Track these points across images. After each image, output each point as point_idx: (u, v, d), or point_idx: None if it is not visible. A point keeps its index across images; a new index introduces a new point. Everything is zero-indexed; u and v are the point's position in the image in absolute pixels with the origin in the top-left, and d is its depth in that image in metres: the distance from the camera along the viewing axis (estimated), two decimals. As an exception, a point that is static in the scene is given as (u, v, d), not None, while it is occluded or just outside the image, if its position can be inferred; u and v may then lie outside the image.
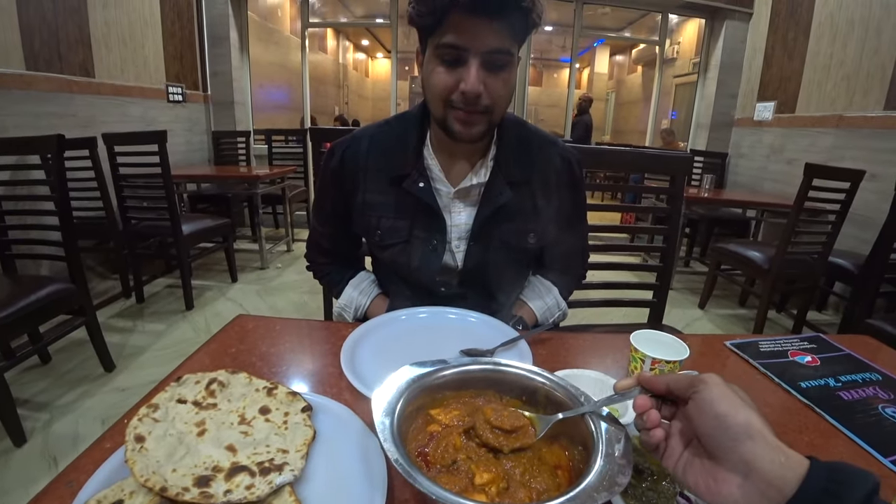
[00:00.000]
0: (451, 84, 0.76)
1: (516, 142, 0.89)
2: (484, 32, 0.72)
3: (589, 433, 0.44)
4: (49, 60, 2.76)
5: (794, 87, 3.54)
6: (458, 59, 0.74)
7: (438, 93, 0.77)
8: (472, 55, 0.73)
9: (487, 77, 0.75)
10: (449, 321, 0.83)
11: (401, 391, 0.47)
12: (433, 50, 0.76)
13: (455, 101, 0.76)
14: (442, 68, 0.76)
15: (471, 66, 0.73)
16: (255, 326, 0.81)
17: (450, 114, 0.79)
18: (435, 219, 0.88)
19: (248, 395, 0.54)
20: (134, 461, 0.42)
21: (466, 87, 0.74)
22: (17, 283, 1.79)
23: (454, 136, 0.81)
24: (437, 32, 0.74)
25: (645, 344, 0.64)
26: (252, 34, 4.60)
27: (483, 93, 0.75)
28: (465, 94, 0.74)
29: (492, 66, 0.75)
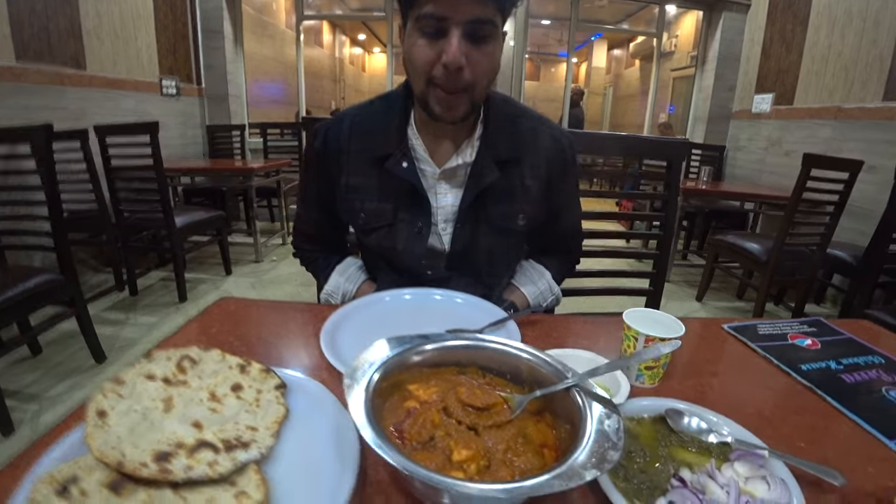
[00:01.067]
0: (431, 58, 0.71)
1: (504, 120, 0.86)
2: (464, 2, 0.68)
3: (577, 410, 0.42)
4: (39, 52, 2.72)
5: (792, 78, 3.51)
6: (438, 30, 0.70)
7: (419, 67, 0.73)
8: (454, 25, 0.69)
9: (470, 49, 0.71)
10: (434, 302, 0.81)
11: (377, 365, 0.44)
12: (413, 22, 0.72)
13: (436, 76, 0.72)
14: (422, 41, 0.72)
15: (452, 37, 0.69)
16: (237, 308, 0.78)
17: (431, 92, 0.75)
18: (419, 200, 0.85)
19: (220, 371, 0.51)
20: (93, 436, 0.40)
21: (447, 58, 0.69)
22: (5, 273, 1.76)
23: (435, 118, 0.77)
24: (417, 3, 0.70)
25: (638, 322, 0.61)
26: (246, 28, 4.56)
27: (465, 66, 0.71)
28: (447, 67, 0.70)
29: (474, 37, 0.71)
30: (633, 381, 0.61)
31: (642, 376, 0.60)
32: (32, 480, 0.37)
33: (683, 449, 0.47)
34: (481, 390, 0.47)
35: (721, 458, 0.46)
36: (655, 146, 1.40)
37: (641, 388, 0.61)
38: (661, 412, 0.52)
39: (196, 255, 3.37)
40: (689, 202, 3.46)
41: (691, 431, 0.49)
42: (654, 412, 0.52)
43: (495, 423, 0.44)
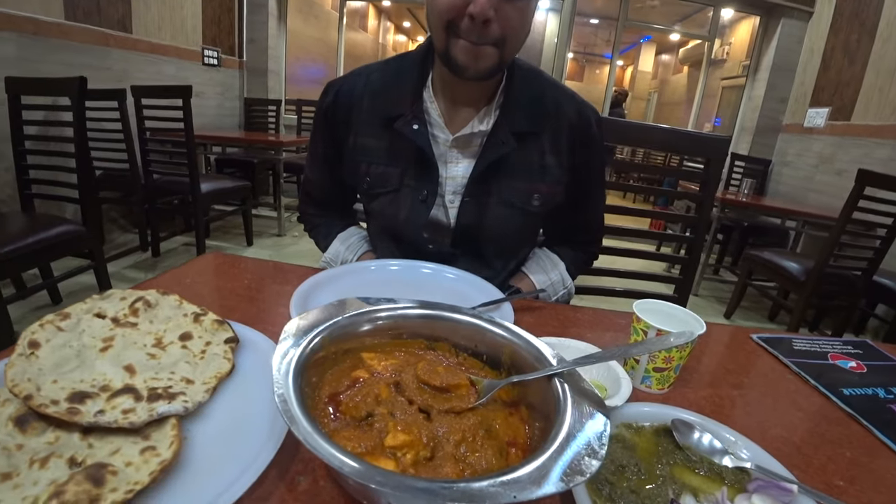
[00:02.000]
0: (457, 4, 0.64)
1: (528, 90, 0.79)
2: None
3: (555, 405, 0.34)
4: (88, 12, 2.78)
5: (853, 92, 3.27)
6: None
7: (441, 14, 0.66)
8: None
9: (501, 1, 0.64)
10: (423, 275, 0.74)
11: (327, 325, 0.38)
12: None
13: (461, 27, 0.66)
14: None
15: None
16: (222, 263, 0.75)
17: (454, 43, 0.68)
18: (427, 167, 0.79)
19: (173, 318, 0.47)
20: (13, 366, 0.36)
21: (474, 8, 0.62)
22: (31, 220, 1.81)
23: (458, 71, 0.70)
24: None
25: (651, 314, 0.53)
26: (292, 5, 4.58)
27: (493, 19, 0.64)
28: (473, 18, 0.63)
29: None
30: (638, 384, 0.53)
31: (650, 379, 0.52)
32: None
33: (689, 470, 0.39)
34: (445, 368, 0.40)
35: (736, 486, 0.38)
36: (694, 140, 1.30)
37: (648, 392, 0.53)
38: (666, 422, 0.44)
39: (220, 224, 3.41)
40: (726, 214, 3.28)
41: (702, 450, 0.41)
42: (658, 421, 0.44)
43: (453, 409, 0.37)
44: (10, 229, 1.67)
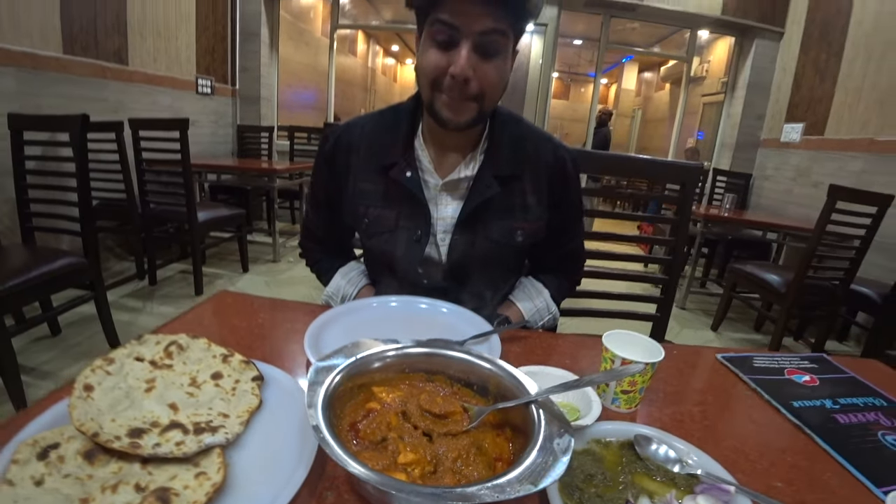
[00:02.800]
0: (441, 65, 0.74)
1: (509, 136, 0.88)
2: (477, 13, 0.70)
3: (532, 426, 0.42)
4: (86, 46, 2.86)
5: (825, 109, 3.44)
6: (450, 39, 0.73)
7: (428, 73, 0.76)
8: (465, 36, 0.71)
9: (479, 62, 0.73)
10: (420, 311, 0.82)
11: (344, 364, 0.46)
12: (427, 30, 0.75)
13: (444, 84, 0.75)
14: (434, 49, 0.74)
15: (462, 48, 0.72)
16: (233, 302, 0.81)
17: (437, 98, 0.77)
18: (420, 209, 0.87)
19: (204, 359, 0.54)
20: (75, 406, 0.42)
21: (455, 69, 0.72)
22: (33, 253, 1.86)
23: (442, 123, 0.79)
24: (432, 12, 0.73)
25: (617, 344, 0.61)
26: (283, 33, 4.71)
27: (472, 78, 0.73)
28: (454, 78, 0.72)
29: (484, 50, 0.73)
30: (609, 405, 0.60)
31: (618, 400, 0.60)
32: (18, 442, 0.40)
33: (648, 477, 0.47)
34: (442, 398, 0.48)
35: (686, 489, 0.45)
36: (668, 169, 1.39)
37: (617, 412, 0.61)
38: (630, 437, 0.51)
39: (216, 250, 3.45)
40: (710, 229, 3.40)
41: (658, 459, 0.48)
42: (622, 437, 0.51)
43: (450, 432, 0.44)
44: (13, 263, 1.71)
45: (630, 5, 4.07)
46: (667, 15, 4.20)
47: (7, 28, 2.38)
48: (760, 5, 3.97)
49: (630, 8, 4.16)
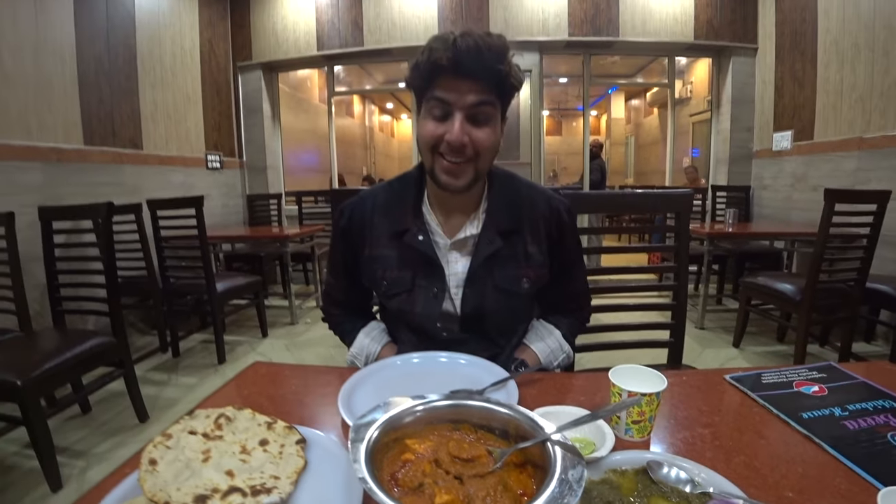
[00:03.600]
0: (438, 134, 0.84)
1: (505, 194, 0.97)
2: (466, 89, 0.82)
3: (549, 462, 0.47)
4: (104, 136, 3.10)
5: (809, 114, 3.54)
6: (445, 113, 0.83)
7: (427, 142, 0.86)
8: (457, 109, 0.82)
9: (472, 129, 0.84)
10: (441, 365, 0.87)
11: (380, 423, 0.51)
12: (425, 106, 0.86)
13: (442, 150, 0.85)
14: (431, 121, 0.85)
15: (455, 119, 0.82)
16: (267, 371, 0.87)
17: (437, 163, 0.87)
18: (434, 268, 0.94)
19: (250, 428, 0.59)
20: (145, 479, 0.48)
21: (451, 136, 0.82)
22: (64, 336, 1.94)
23: (442, 186, 0.88)
24: (428, 91, 0.84)
25: (624, 379, 0.65)
26: (283, 104, 5.00)
27: (467, 143, 0.83)
28: (450, 144, 0.83)
29: (475, 119, 0.84)
30: (622, 436, 0.64)
31: (630, 430, 0.64)
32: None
33: (663, 498, 0.50)
34: (469, 444, 0.53)
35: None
36: (660, 200, 1.46)
37: (631, 441, 0.64)
38: (643, 464, 0.54)
39: (235, 318, 3.53)
40: (717, 245, 3.42)
41: (670, 481, 0.51)
42: (636, 464, 0.55)
43: (478, 473, 0.49)
44: (47, 347, 1.80)
45: (606, 43, 4.29)
46: (642, 47, 4.41)
47: (34, 128, 2.60)
48: (732, 26, 4.16)
49: (607, 45, 4.38)
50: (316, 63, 4.79)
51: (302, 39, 4.46)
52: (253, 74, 4.63)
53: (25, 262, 2.05)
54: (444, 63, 0.80)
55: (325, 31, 4.41)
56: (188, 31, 3.99)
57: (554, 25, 4.19)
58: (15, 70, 2.50)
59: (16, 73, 2.50)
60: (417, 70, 0.85)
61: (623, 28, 4.16)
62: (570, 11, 4.16)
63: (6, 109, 2.46)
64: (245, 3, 4.53)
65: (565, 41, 4.23)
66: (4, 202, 2.34)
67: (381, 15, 4.31)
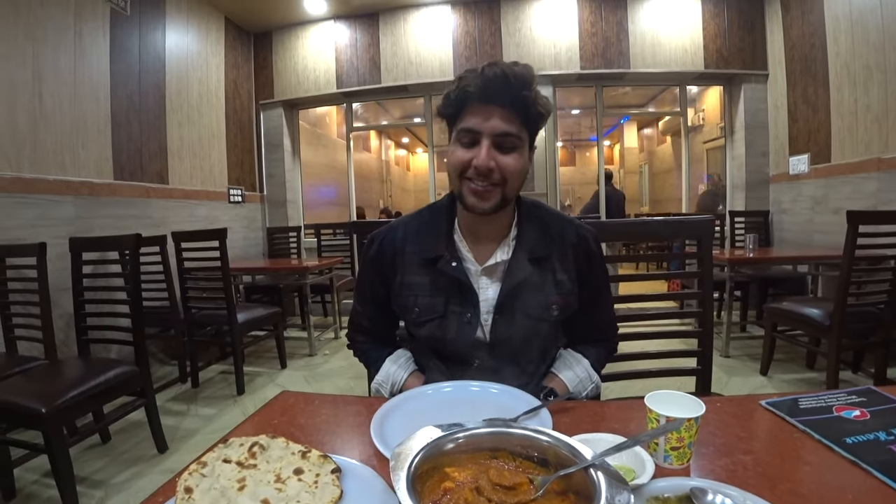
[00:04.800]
0: (466, 160, 0.88)
1: (534, 222, 0.99)
2: (494, 118, 0.86)
3: (593, 489, 0.46)
4: (133, 171, 3.23)
5: (825, 137, 3.52)
6: (473, 141, 0.87)
7: (456, 167, 0.90)
8: (485, 137, 0.86)
9: (498, 156, 0.87)
10: (472, 393, 0.86)
11: (418, 451, 0.51)
12: (455, 136, 0.90)
13: (469, 175, 0.88)
14: (461, 149, 0.89)
15: (483, 146, 0.86)
16: (295, 401, 0.87)
17: (465, 186, 0.90)
18: (468, 294, 0.95)
19: (284, 457, 0.59)
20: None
21: (478, 161, 0.86)
22: (88, 364, 1.97)
23: (470, 208, 0.90)
24: (458, 121, 0.89)
25: (660, 404, 0.64)
26: (303, 140, 5.16)
27: (494, 167, 0.86)
28: (477, 168, 0.86)
29: (502, 147, 0.87)
30: (661, 463, 0.62)
31: (669, 457, 0.62)
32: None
33: (709, 527, 0.49)
34: (510, 472, 0.52)
35: (746, 534, 0.47)
36: (682, 227, 1.45)
37: (670, 469, 0.62)
38: (686, 491, 0.52)
39: (254, 349, 3.55)
40: (738, 272, 3.36)
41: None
42: (678, 492, 0.53)
43: (520, 501, 0.48)
44: (71, 375, 1.82)
45: (618, 74, 4.37)
46: (653, 77, 4.48)
47: (68, 163, 2.73)
48: (741, 53, 4.22)
49: (618, 77, 4.46)
50: (335, 100, 4.96)
51: (322, 78, 4.64)
52: (274, 112, 4.80)
53: (54, 292, 2.12)
54: (472, 90, 0.85)
55: (343, 69, 4.59)
56: (214, 72, 4.19)
57: (566, 59, 4.30)
58: (53, 109, 2.64)
59: (54, 112, 2.64)
60: (448, 99, 0.89)
61: (634, 60, 4.24)
62: (581, 45, 4.27)
63: (43, 146, 2.59)
64: (268, 45, 4.75)
65: (577, 74, 4.33)
66: (38, 234, 2.44)
67: (398, 53, 4.47)
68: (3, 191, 2.35)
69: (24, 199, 2.45)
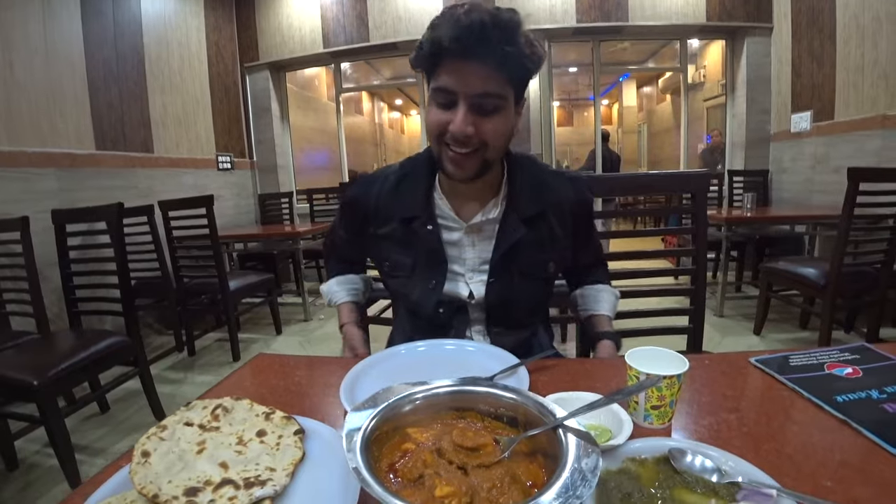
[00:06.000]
0: (442, 122, 0.79)
1: (527, 178, 0.92)
2: (472, 76, 0.75)
3: (560, 449, 0.43)
4: (115, 140, 3.13)
5: (829, 93, 3.40)
6: (450, 101, 0.78)
7: (432, 130, 0.82)
8: (462, 98, 0.76)
9: (478, 119, 0.77)
10: (447, 352, 0.84)
11: (377, 409, 0.48)
12: (430, 93, 0.81)
13: (447, 139, 0.80)
14: (437, 110, 0.80)
15: (459, 109, 0.77)
16: (270, 363, 0.85)
17: (444, 152, 0.82)
18: (437, 262, 0.92)
19: (248, 419, 0.57)
20: (136, 472, 0.46)
21: (453, 127, 0.77)
22: (81, 336, 1.96)
23: (449, 176, 0.84)
24: (434, 75, 0.79)
25: (641, 361, 0.61)
26: (292, 104, 5.00)
27: (472, 133, 0.77)
28: (454, 135, 0.78)
29: (481, 109, 0.77)
30: (641, 423, 0.60)
31: (650, 416, 0.60)
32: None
33: (687, 490, 0.46)
34: (473, 432, 0.49)
35: (727, 498, 0.44)
36: (676, 180, 1.40)
37: (651, 429, 0.60)
38: (664, 452, 0.50)
39: (249, 316, 3.55)
40: (735, 231, 3.33)
41: (695, 471, 0.47)
42: (656, 452, 0.51)
43: (483, 463, 0.45)
44: (64, 347, 1.82)
45: (616, 28, 4.19)
46: (653, 31, 4.30)
47: (47, 134, 2.63)
48: (745, 5, 4.03)
49: (616, 30, 4.28)
50: (323, 60, 4.78)
51: (308, 37, 4.44)
52: (260, 74, 4.64)
53: (43, 267, 2.08)
54: (445, 44, 0.73)
55: (330, 27, 4.39)
56: (194, 34, 4.01)
57: (561, 12, 4.11)
58: (25, 77, 2.52)
59: (27, 79, 2.53)
60: (420, 51, 0.78)
61: (633, 12, 4.06)
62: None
63: (19, 116, 2.49)
64: (250, 5, 4.53)
65: (573, 28, 4.15)
66: (21, 208, 2.36)
67: (386, 10, 4.27)
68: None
69: (5, 172, 2.38)
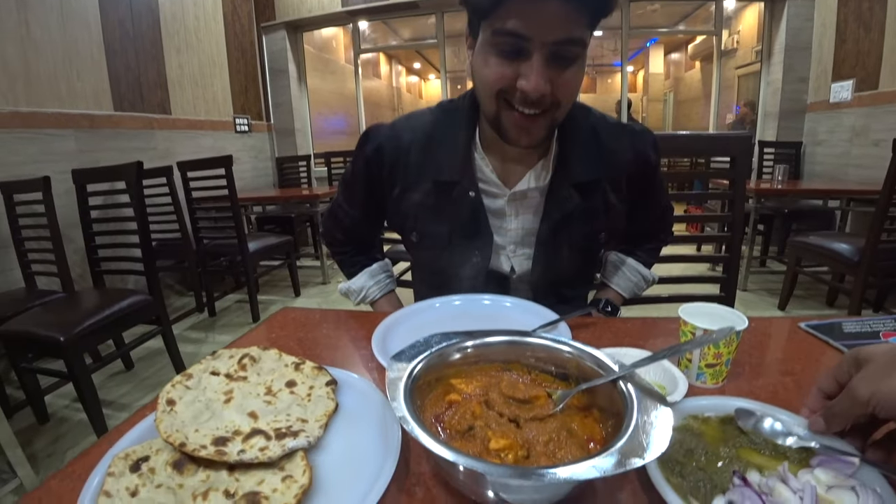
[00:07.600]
0: (508, 77, 0.63)
1: (581, 136, 0.78)
2: (553, 18, 0.59)
3: (623, 404, 0.40)
4: (133, 102, 3.09)
5: (875, 61, 3.20)
6: (519, 49, 0.62)
7: (491, 87, 0.66)
8: (537, 47, 0.60)
9: (554, 74, 0.63)
10: (484, 307, 0.79)
11: (420, 360, 0.45)
12: (489, 37, 0.64)
13: (513, 99, 0.65)
14: (497, 59, 0.64)
15: (534, 61, 0.61)
16: (296, 316, 0.83)
17: (504, 114, 0.68)
18: (481, 232, 0.80)
19: (276, 369, 0.55)
20: (161, 420, 0.44)
21: (528, 86, 0.62)
22: (104, 295, 2.00)
23: (511, 142, 0.71)
24: (495, 14, 0.61)
25: (696, 317, 0.57)
26: (309, 65, 4.89)
27: (548, 93, 0.63)
28: (526, 94, 0.63)
29: (560, 59, 0.62)
30: (693, 381, 0.57)
31: (703, 375, 0.56)
32: (112, 456, 0.42)
33: (754, 451, 0.43)
34: (524, 384, 0.46)
35: (799, 463, 0.41)
36: (717, 142, 1.33)
37: (703, 388, 0.57)
38: (729, 412, 0.47)
39: (268, 278, 3.59)
40: (763, 204, 3.21)
41: (765, 433, 0.44)
42: (720, 412, 0.47)
43: (536, 416, 0.43)
44: (88, 305, 1.85)
45: (649, -14, 3.96)
46: (689, -10, 4.06)
47: (66, 95, 2.61)
48: (789, -37, 3.78)
49: (649, -11, 4.05)
50: (340, 20, 4.63)
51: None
52: (277, 35, 4.52)
53: (66, 228, 2.10)
54: None
55: (348, -15, 4.24)
56: (210, -8, 3.90)
57: (591, -31, 3.89)
58: (42, 37, 2.48)
59: (43, 40, 2.49)
60: None
61: (667, -31, 3.83)
62: (608, -47, 3.84)
63: (37, 78, 2.46)
64: (266, -41, 4.39)
65: (603, -13, 3.93)
66: (41, 169, 2.38)
67: (407, -35, 4.10)
68: (3, 126, 2.27)
69: (23, 133, 2.37)
